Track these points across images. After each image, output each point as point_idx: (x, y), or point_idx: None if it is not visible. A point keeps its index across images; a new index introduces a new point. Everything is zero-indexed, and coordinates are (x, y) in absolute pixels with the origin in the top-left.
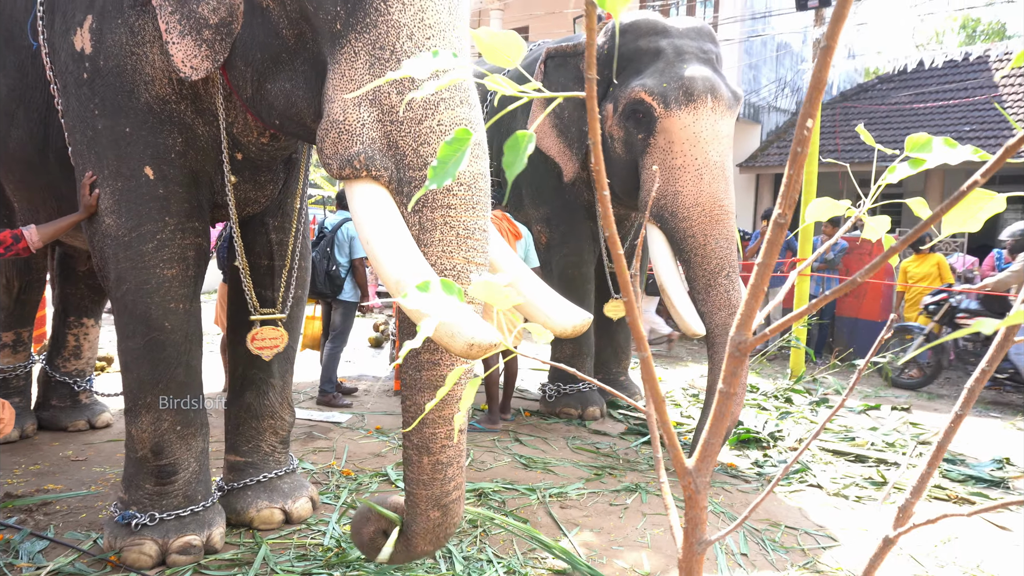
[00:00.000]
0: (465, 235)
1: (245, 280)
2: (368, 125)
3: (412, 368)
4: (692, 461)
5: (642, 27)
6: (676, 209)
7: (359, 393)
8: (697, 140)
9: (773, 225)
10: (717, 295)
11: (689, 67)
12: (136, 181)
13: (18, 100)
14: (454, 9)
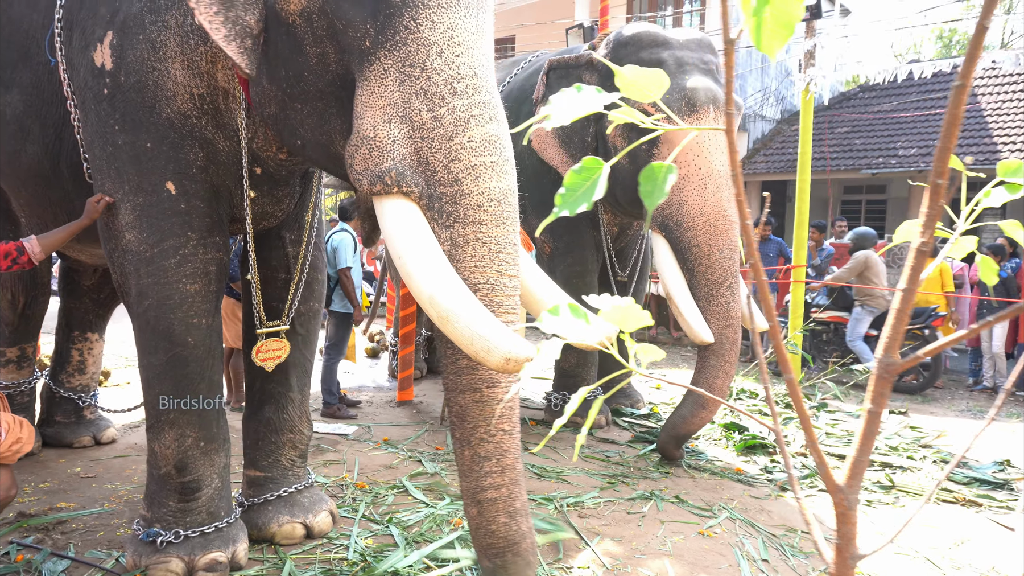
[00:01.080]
0: (497, 249)
1: (255, 294)
2: (399, 141)
3: (452, 372)
4: (842, 478)
5: (644, 39)
6: (681, 219)
7: (362, 404)
8: (701, 150)
9: (916, 253)
10: (717, 305)
11: (691, 78)
12: (158, 196)
13: (34, 116)
14: (481, 27)
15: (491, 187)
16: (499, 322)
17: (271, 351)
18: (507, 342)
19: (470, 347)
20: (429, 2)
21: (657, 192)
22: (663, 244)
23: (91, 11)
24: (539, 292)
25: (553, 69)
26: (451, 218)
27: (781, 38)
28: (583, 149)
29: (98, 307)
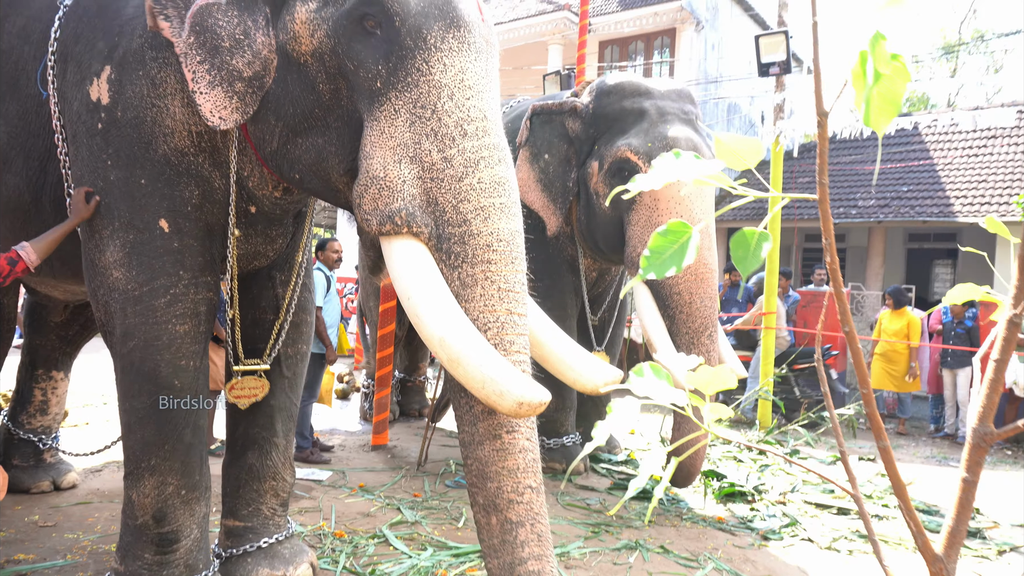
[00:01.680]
0: (506, 288)
1: (229, 329)
2: (409, 182)
3: (468, 423)
4: (940, 547)
5: (626, 88)
6: None
7: (335, 448)
8: (681, 198)
9: (1009, 324)
10: (699, 353)
11: (672, 127)
12: (150, 234)
13: (18, 148)
14: (490, 71)
15: (500, 228)
16: (511, 365)
17: (247, 388)
18: (520, 386)
19: (481, 391)
20: (441, 46)
21: (751, 259)
22: (644, 291)
23: (88, 45)
24: (541, 334)
25: (536, 114)
26: (459, 258)
27: (888, 115)
28: (564, 194)
29: (65, 345)
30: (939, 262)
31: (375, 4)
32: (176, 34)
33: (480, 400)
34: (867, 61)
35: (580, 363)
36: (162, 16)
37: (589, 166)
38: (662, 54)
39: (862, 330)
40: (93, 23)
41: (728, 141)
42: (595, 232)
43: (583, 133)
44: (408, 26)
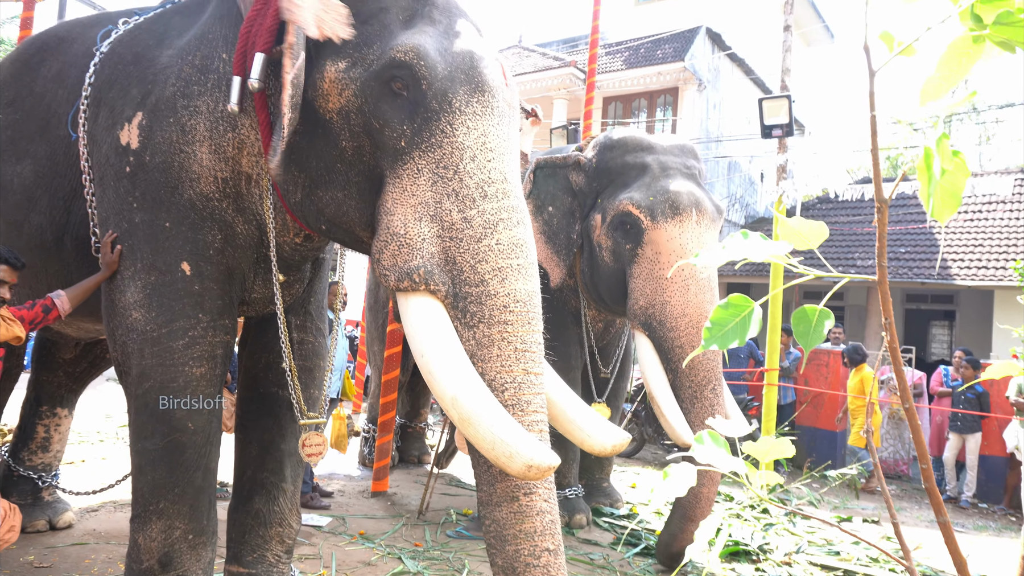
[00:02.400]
0: (523, 348)
1: (293, 383)
2: (428, 240)
3: (486, 483)
4: None
5: (629, 143)
6: (664, 319)
7: (334, 494)
8: (683, 252)
9: None
10: (702, 408)
11: (674, 182)
12: (171, 276)
13: (44, 187)
14: (511, 134)
15: (517, 288)
16: (522, 427)
17: (315, 445)
18: (529, 448)
19: (491, 451)
20: (465, 109)
21: (814, 335)
22: (646, 343)
23: (122, 91)
24: (551, 392)
25: (540, 168)
26: (476, 318)
27: (951, 208)
28: (568, 246)
29: (72, 382)
30: (936, 323)
31: (404, 67)
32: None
33: (490, 460)
34: (932, 158)
35: (590, 424)
36: None
37: (592, 218)
38: (665, 112)
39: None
40: (128, 70)
41: (792, 224)
42: (598, 284)
43: (587, 186)
44: (435, 89)
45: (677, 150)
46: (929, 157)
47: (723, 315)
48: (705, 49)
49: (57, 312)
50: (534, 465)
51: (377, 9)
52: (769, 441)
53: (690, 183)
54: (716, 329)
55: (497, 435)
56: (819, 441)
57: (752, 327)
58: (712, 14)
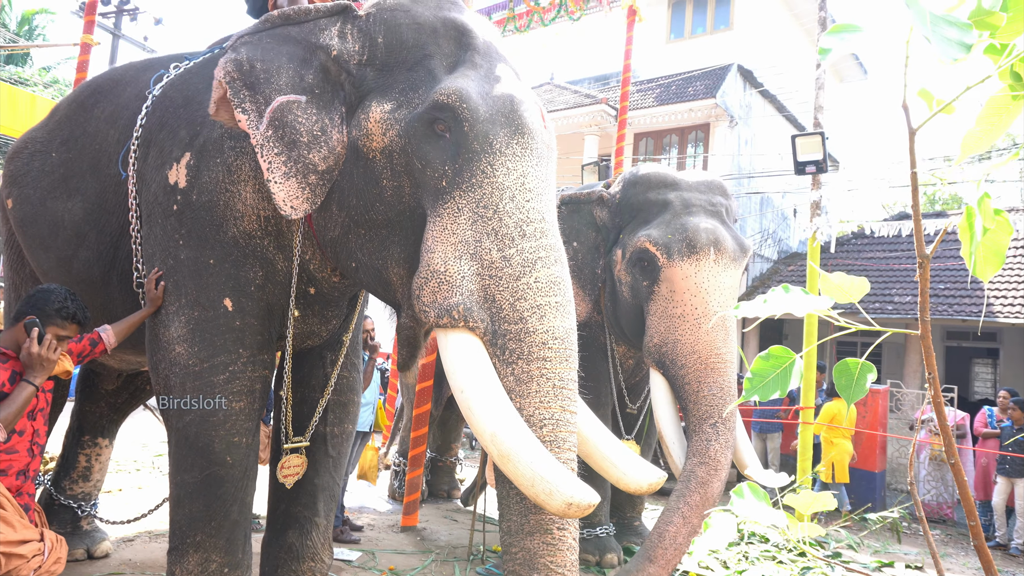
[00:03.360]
0: (561, 385)
1: (285, 410)
2: (468, 277)
3: (517, 513)
4: None
5: (653, 179)
6: (675, 356)
7: (364, 528)
8: (698, 290)
9: None
10: (697, 441)
11: (694, 219)
12: (214, 312)
13: (93, 223)
14: (549, 175)
15: (555, 326)
16: (561, 464)
17: (292, 467)
18: (570, 486)
19: (530, 488)
20: (505, 150)
21: (856, 388)
22: (660, 380)
23: (171, 132)
24: (586, 430)
25: (565, 203)
26: (515, 355)
27: (995, 266)
28: (593, 281)
29: (113, 412)
30: (979, 360)
31: (447, 110)
32: (253, 126)
33: (529, 497)
34: (974, 217)
35: (626, 462)
36: (239, 109)
37: (614, 254)
38: (696, 148)
39: (900, 429)
40: (178, 113)
41: (833, 279)
42: (620, 319)
43: (610, 221)
44: (476, 131)
45: (703, 187)
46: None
47: (764, 366)
48: (737, 86)
49: (103, 346)
50: (574, 503)
51: (422, 56)
52: (811, 494)
53: (712, 220)
54: (757, 380)
55: (537, 472)
56: (857, 481)
57: (793, 379)
58: (744, 52)
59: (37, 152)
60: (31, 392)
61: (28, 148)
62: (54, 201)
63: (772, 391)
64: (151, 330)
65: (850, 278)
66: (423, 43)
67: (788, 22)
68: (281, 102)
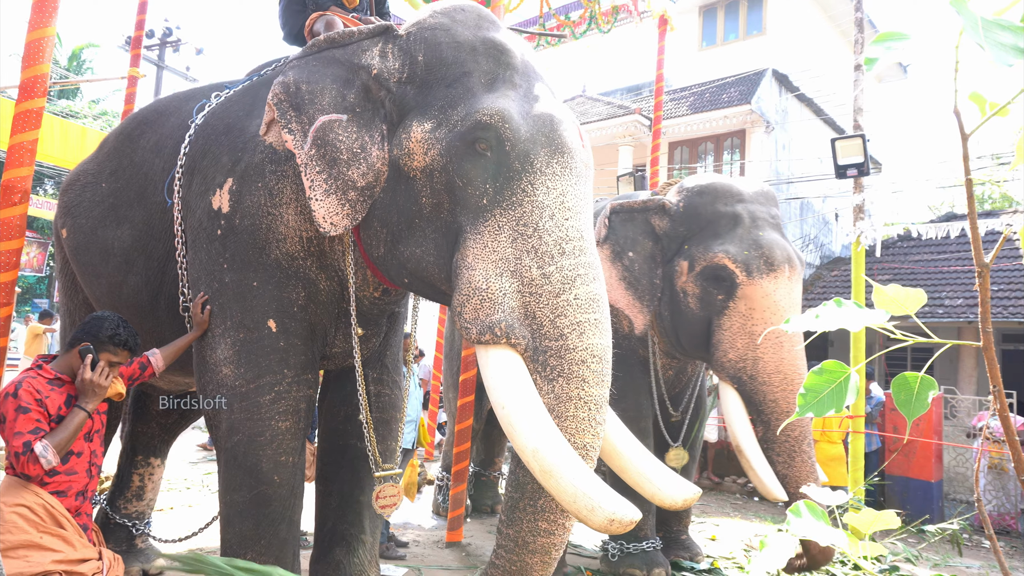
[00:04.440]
0: (595, 409)
1: (369, 435)
2: (509, 295)
3: (528, 532)
4: None
5: (720, 190)
6: (756, 374)
7: (409, 544)
8: (777, 308)
9: None
10: (802, 463)
11: (766, 235)
12: (259, 333)
13: (140, 250)
14: (586, 193)
15: (594, 343)
16: (602, 481)
17: (388, 497)
18: (612, 503)
19: (572, 504)
20: (545, 169)
21: (916, 404)
22: (734, 396)
23: (214, 159)
24: (620, 445)
25: (616, 212)
26: (555, 372)
27: None
28: (652, 292)
29: (164, 432)
30: None
31: (489, 129)
32: (298, 146)
33: (570, 513)
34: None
35: (659, 477)
36: (286, 130)
37: (676, 264)
38: (732, 155)
39: (956, 436)
40: (220, 140)
41: (888, 291)
42: (678, 329)
43: (672, 231)
44: (518, 151)
45: (762, 198)
46: None
47: (817, 381)
48: (772, 91)
49: (152, 369)
50: (616, 519)
51: (461, 73)
52: (871, 512)
53: (777, 234)
54: (811, 396)
55: (580, 488)
56: (913, 492)
57: (849, 395)
58: (778, 56)
59: (88, 183)
60: (83, 418)
61: (80, 180)
62: (104, 229)
63: (827, 408)
64: (198, 353)
65: (905, 290)
66: (462, 61)
67: (822, 24)
68: (323, 122)
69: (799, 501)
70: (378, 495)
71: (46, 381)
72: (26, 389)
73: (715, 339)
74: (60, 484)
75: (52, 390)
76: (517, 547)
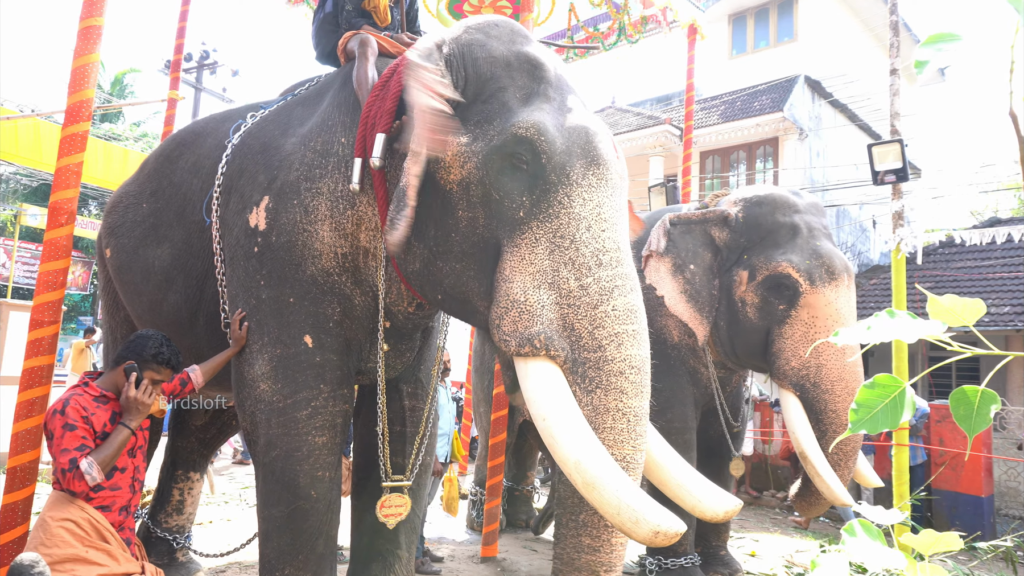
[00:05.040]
0: (635, 422)
1: (383, 447)
2: (547, 307)
3: (572, 548)
4: None
5: (778, 201)
6: (819, 381)
7: (444, 559)
8: (839, 316)
9: None
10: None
11: (822, 244)
12: (295, 349)
13: (179, 268)
14: (622, 204)
15: (632, 354)
16: (646, 494)
17: (394, 507)
18: (656, 515)
19: (616, 516)
20: (581, 181)
21: (977, 419)
22: (796, 403)
23: (251, 178)
24: (660, 457)
25: (675, 224)
26: (594, 383)
27: None
28: (711, 302)
29: (203, 447)
30: None
31: (525, 143)
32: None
33: (614, 525)
34: None
35: (700, 489)
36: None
37: (735, 274)
38: (765, 163)
39: (1006, 449)
40: (256, 159)
41: (944, 301)
42: (734, 339)
43: (732, 242)
44: (554, 163)
45: (815, 210)
46: None
47: (870, 396)
48: (804, 97)
49: (192, 385)
50: (661, 531)
51: (497, 88)
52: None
53: (830, 244)
54: (864, 411)
55: (624, 500)
56: (962, 507)
57: (905, 411)
58: (810, 62)
59: (131, 205)
60: (127, 435)
61: (123, 201)
62: (145, 249)
63: (882, 424)
64: (236, 369)
65: (962, 300)
66: (497, 76)
67: (855, 29)
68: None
69: (853, 520)
70: (383, 504)
71: (92, 398)
72: (73, 407)
73: (776, 348)
74: (104, 499)
75: (98, 407)
76: (564, 565)
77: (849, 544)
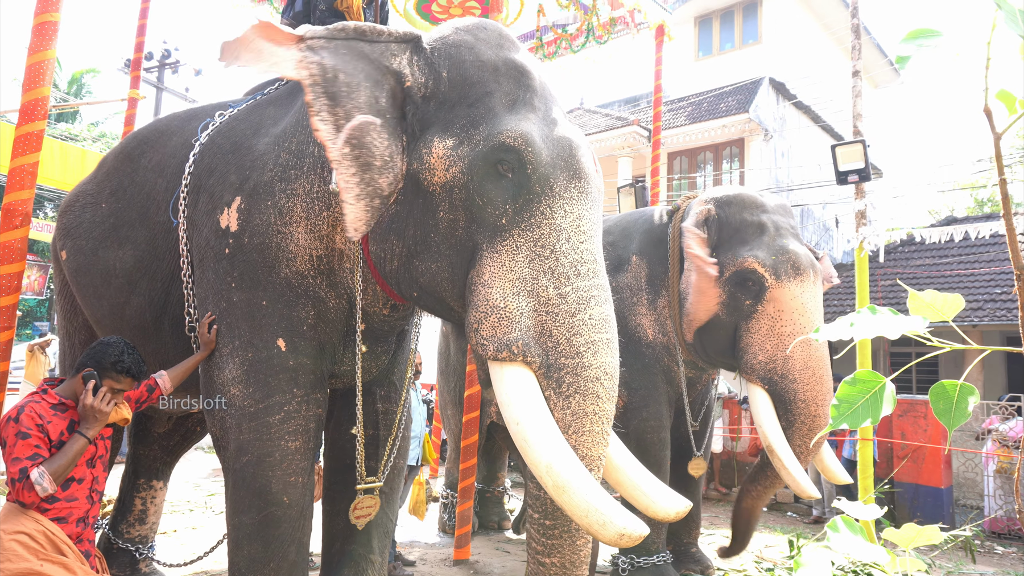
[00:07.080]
0: (607, 423)
1: (360, 450)
2: (525, 314)
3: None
4: None
5: (745, 201)
6: (786, 372)
7: (416, 563)
8: (804, 310)
9: None
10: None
11: (789, 241)
12: (268, 352)
13: (143, 270)
14: (599, 217)
15: (607, 361)
16: (612, 497)
17: (364, 507)
18: (622, 518)
19: (584, 519)
20: (564, 194)
21: (956, 413)
22: (764, 397)
23: (221, 178)
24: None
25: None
26: (572, 388)
27: None
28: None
29: (166, 454)
30: None
31: (512, 152)
32: (330, 140)
33: (582, 527)
34: None
35: (653, 490)
36: (318, 118)
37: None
38: (731, 163)
39: (964, 441)
40: (227, 158)
41: (925, 297)
42: (705, 336)
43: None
44: (539, 174)
45: (782, 210)
46: None
47: (851, 392)
48: (769, 99)
49: (160, 391)
50: (626, 534)
51: (483, 93)
52: (912, 527)
53: (797, 243)
54: (844, 407)
55: (592, 503)
56: (922, 498)
57: (886, 405)
58: (774, 65)
59: (88, 204)
60: (83, 444)
61: (79, 201)
62: (105, 250)
63: (863, 418)
64: (205, 373)
65: (943, 295)
66: (485, 80)
67: (818, 32)
68: (361, 122)
69: (836, 516)
70: (355, 506)
71: (50, 406)
72: (28, 414)
73: (743, 343)
74: (60, 511)
75: (55, 415)
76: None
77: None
